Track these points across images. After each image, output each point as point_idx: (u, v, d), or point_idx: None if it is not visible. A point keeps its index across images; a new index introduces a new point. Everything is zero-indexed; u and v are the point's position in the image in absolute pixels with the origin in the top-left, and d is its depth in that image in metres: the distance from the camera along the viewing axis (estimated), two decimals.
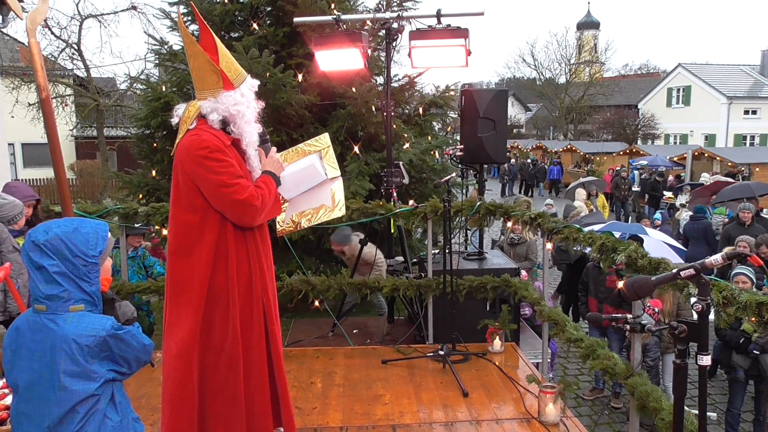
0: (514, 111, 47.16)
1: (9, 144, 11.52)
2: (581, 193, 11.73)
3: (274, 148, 2.75)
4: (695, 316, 1.65)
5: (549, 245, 4.02)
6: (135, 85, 16.36)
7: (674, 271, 1.73)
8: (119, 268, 4.79)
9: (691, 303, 1.66)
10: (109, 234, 1.99)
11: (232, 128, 2.56)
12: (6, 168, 10.55)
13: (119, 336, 1.86)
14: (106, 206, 4.65)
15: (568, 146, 29.72)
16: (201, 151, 2.44)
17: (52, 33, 16.01)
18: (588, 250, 3.39)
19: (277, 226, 2.96)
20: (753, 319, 2.23)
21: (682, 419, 1.73)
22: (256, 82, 2.67)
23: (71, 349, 1.79)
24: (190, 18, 7.08)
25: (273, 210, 2.65)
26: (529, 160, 27.40)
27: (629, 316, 2.19)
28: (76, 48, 16.41)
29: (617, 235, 4.09)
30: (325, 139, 2.94)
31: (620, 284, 3.59)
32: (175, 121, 2.62)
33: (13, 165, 20.54)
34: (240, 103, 2.53)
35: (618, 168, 22.93)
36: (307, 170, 2.84)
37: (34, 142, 20.70)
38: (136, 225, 4.98)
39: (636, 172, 20.27)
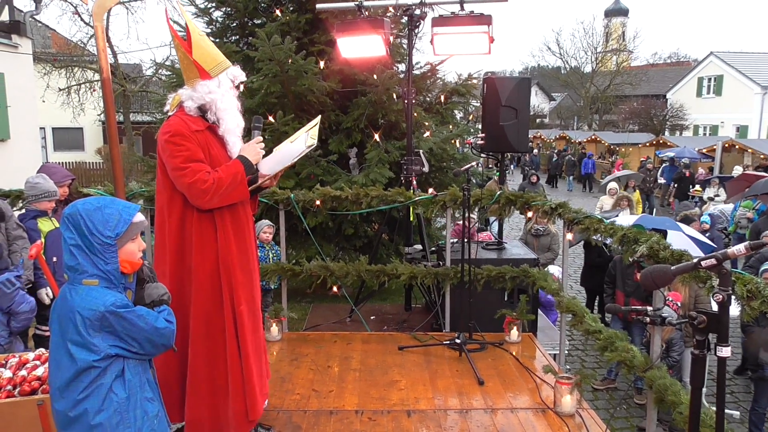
0: (538, 100, 46.49)
1: (40, 128, 11.83)
2: (612, 186, 11.42)
3: (259, 137, 2.86)
4: (715, 307, 1.63)
5: (569, 235, 3.98)
6: (160, 71, 16.56)
7: (695, 260, 1.70)
8: None
9: (713, 293, 1.63)
10: (137, 218, 2.00)
11: (210, 115, 2.71)
12: (38, 151, 10.84)
13: (120, 314, 1.88)
14: (132, 189, 4.74)
15: (593, 137, 29.20)
16: (164, 136, 2.62)
17: (82, 20, 16.30)
18: (609, 241, 3.35)
19: None
20: None
21: (699, 411, 1.71)
22: (239, 72, 2.80)
23: (76, 319, 1.86)
24: (214, 5, 7.14)
25: (234, 193, 2.68)
26: (555, 150, 26.85)
27: (650, 308, 2.16)
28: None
29: None
30: (315, 119, 3.12)
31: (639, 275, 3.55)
32: (166, 108, 2.80)
33: (44, 148, 21.01)
34: (214, 92, 2.68)
35: (644, 159, 22.48)
36: (291, 150, 2.96)
37: (64, 126, 21.19)
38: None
39: (666, 165, 19.65)
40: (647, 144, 25.31)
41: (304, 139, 3.00)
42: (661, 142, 24.63)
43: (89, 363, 1.87)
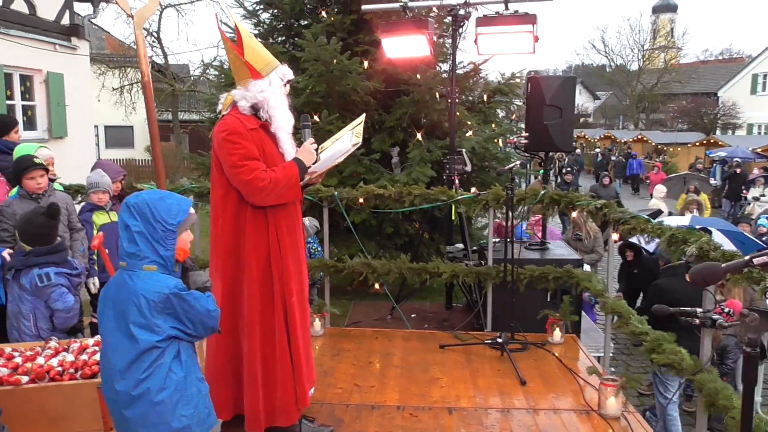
0: (582, 99, 45.45)
1: (94, 126, 12.42)
2: (660, 190, 11.09)
3: (311, 138, 2.95)
4: None
5: (615, 235, 3.92)
6: (207, 70, 17.06)
7: (747, 258, 1.68)
8: None
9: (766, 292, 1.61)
10: (192, 210, 2.16)
11: (262, 113, 2.80)
12: (92, 148, 11.38)
13: (182, 296, 2.03)
14: (183, 185, 4.93)
15: (639, 136, 28.36)
16: (221, 134, 2.72)
17: None
18: (656, 241, 3.29)
19: None
20: None
21: (752, 411, 1.69)
22: (287, 70, 2.88)
23: (140, 302, 1.98)
24: (262, 7, 7.33)
25: (289, 193, 2.80)
26: (597, 150, 26.16)
27: (699, 309, 2.13)
28: (156, 36, 17.27)
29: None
30: (360, 118, 3.21)
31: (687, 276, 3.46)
32: (219, 108, 2.91)
33: (97, 146, 21.91)
34: (266, 90, 2.77)
35: (694, 160, 21.70)
36: (338, 150, 3.05)
37: (116, 124, 22.04)
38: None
39: (717, 166, 18.93)
40: (697, 143, 24.43)
41: (349, 138, 3.08)
42: (711, 141, 23.71)
43: (152, 343, 1.99)
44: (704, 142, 24.18)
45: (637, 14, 73.73)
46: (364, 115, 3.34)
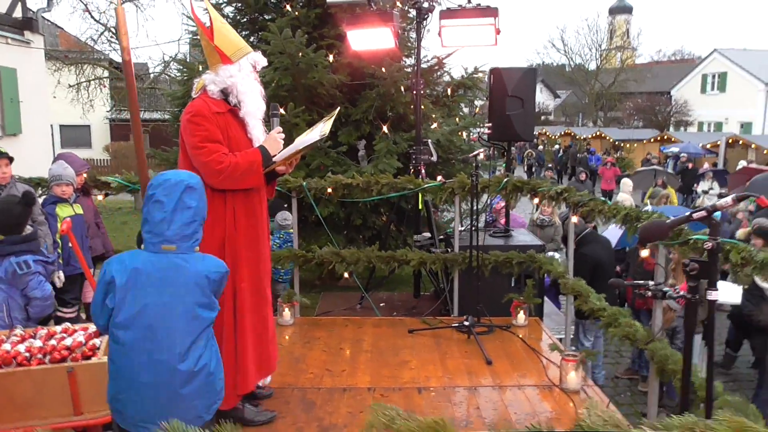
0: (543, 98, 46.52)
1: (49, 125, 11.95)
2: (627, 183, 11.38)
3: (279, 127, 2.99)
4: (705, 255, 1.76)
5: (575, 218, 4.09)
6: (168, 68, 16.73)
7: (687, 213, 1.83)
8: None
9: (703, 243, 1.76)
10: None
11: (231, 98, 2.85)
12: (48, 147, 10.98)
13: (228, 274, 2.18)
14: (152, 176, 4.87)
15: (597, 133, 29.28)
16: (186, 116, 2.78)
17: (92, 17, 16.47)
18: (613, 220, 3.47)
19: None
20: None
21: (691, 354, 1.84)
22: (259, 57, 2.92)
23: (204, 283, 2.05)
24: (225, 1, 7.27)
25: (249, 179, 2.83)
26: (557, 147, 26.81)
27: (651, 282, 2.27)
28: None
29: None
30: (334, 111, 3.26)
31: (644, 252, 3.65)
32: (193, 93, 2.96)
33: (53, 145, 21.16)
34: (234, 76, 2.82)
35: (647, 156, 22.52)
36: (305, 141, 3.08)
37: (73, 123, 21.37)
38: None
39: (670, 161, 19.75)
40: (652, 140, 25.38)
41: (319, 129, 3.12)
42: (665, 137, 24.68)
43: (212, 320, 2.09)
44: (658, 138, 25.14)
45: (594, 15, 76.14)
46: (338, 109, 3.38)
